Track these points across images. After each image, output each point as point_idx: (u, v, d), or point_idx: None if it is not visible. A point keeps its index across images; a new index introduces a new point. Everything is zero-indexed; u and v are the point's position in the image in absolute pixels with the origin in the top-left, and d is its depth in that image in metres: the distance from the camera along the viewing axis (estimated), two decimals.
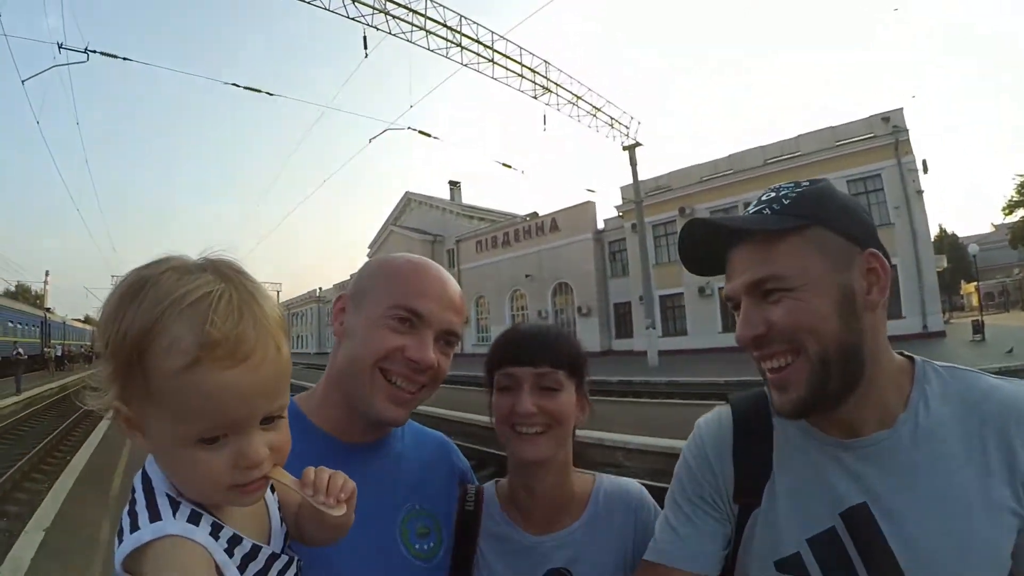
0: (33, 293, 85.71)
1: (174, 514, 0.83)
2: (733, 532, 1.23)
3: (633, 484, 1.51)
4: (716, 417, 1.34)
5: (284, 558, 0.97)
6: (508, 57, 26.31)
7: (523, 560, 1.40)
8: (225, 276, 0.84)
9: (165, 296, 0.78)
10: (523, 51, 26.72)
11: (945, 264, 39.14)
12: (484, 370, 1.46)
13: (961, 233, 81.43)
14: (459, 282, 1.43)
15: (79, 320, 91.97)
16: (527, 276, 45.13)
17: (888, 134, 28.51)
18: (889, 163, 28.45)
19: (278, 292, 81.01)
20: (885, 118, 28.82)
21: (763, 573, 1.17)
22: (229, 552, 0.85)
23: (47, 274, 66.82)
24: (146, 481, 0.87)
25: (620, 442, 10.12)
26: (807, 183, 1.18)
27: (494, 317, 49.01)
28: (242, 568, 0.87)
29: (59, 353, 52.54)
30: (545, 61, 27.53)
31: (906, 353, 1.21)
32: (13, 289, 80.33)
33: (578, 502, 1.45)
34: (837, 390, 1.09)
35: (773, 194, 1.17)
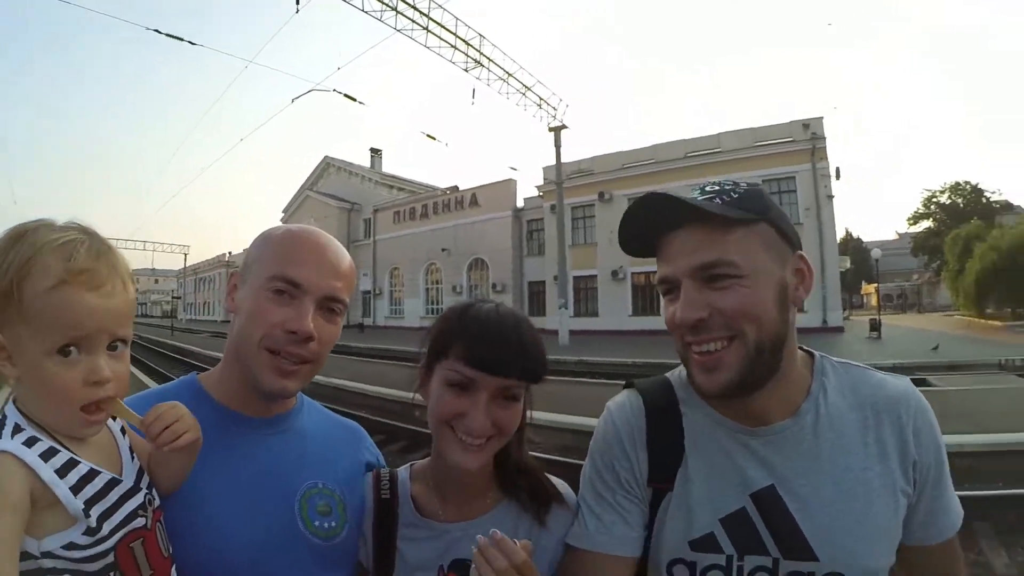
0: None
1: (12, 436, 0.97)
2: (648, 515, 1.27)
3: (566, 493, 1.41)
4: (627, 403, 1.36)
5: (127, 483, 1.07)
6: (443, 27, 25.77)
7: (431, 546, 1.35)
8: (87, 231, 1.05)
9: (41, 239, 0.99)
10: (459, 22, 26.22)
11: (848, 265, 41.40)
12: (426, 344, 1.34)
13: (866, 238, 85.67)
14: (374, 252, 1.40)
15: None
16: (443, 250, 44.95)
17: (806, 140, 29.91)
18: (804, 167, 29.86)
19: (185, 255, 77.83)
20: (805, 124, 30.24)
21: (678, 552, 1.22)
22: (62, 473, 0.97)
23: None
24: (2, 414, 1.02)
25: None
26: (746, 183, 1.22)
27: (408, 289, 48.73)
28: (77, 489, 0.98)
29: None
30: (480, 34, 27.10)
31: (805, 348, 1.29)
32: None
33: (494, 495, 1.39)
34: (761, 377, 1.16)
35: (717, 187, 1.20)
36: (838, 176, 30.26)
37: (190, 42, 21.30)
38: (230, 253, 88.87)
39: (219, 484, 1.24)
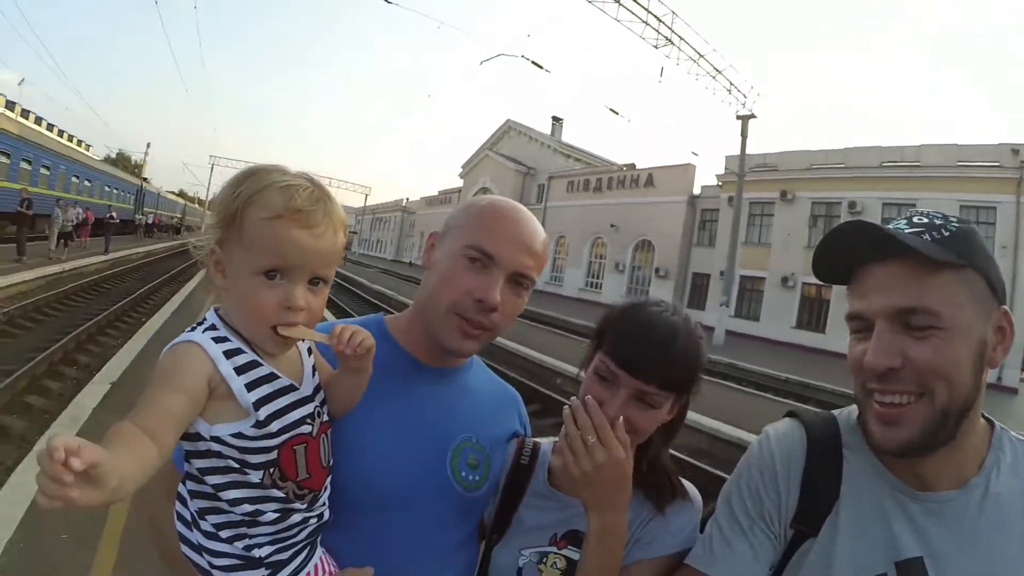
0: (133, 162, 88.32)
1: (204, 332, 1.11)
2: (780, 556, 1.20)
3: (691, 492, 1.42)
4: (788, 433, 1.28)
5: (302, 392, 1.18)
6: (635, 0, 25.43)
7: (551, 515, 1.40)
8: (314, 181, 1.16)
9: (271, 178, 1.11)
10: None
11: None
12: (595, 330, 1.39)
13: None
14: (543, 218, 1.39)
15: (173, 192, 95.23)
16: (612, 226, 44.64)
17: (1015, 167, 26.42)
18: (1008, 198, 26.47)
19: (366, 196, 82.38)
20: (1015, 150, 26.63)
21: None
22: (241, 371, 1.09)
23: (148, 146, 70.15)
24: (204, 318, 1.16)
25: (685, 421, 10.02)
26: (956, 219, 1.10)
27: (571, 260, 49.02)
28: (253, 386, 1.10)
29: (149, 221, 54.98)
30: (672, 11, 26.50)
31: (987, 416, 1.16)
32: (114, 156, 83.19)
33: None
34: (940, 441, 1.06)
35: (926, 220, 1.10)
36: None
37: (387, 0, 22.17)
38: (407, 199, 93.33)
39: (386, 418, 1.36)
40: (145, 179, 63.05)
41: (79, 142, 54.48)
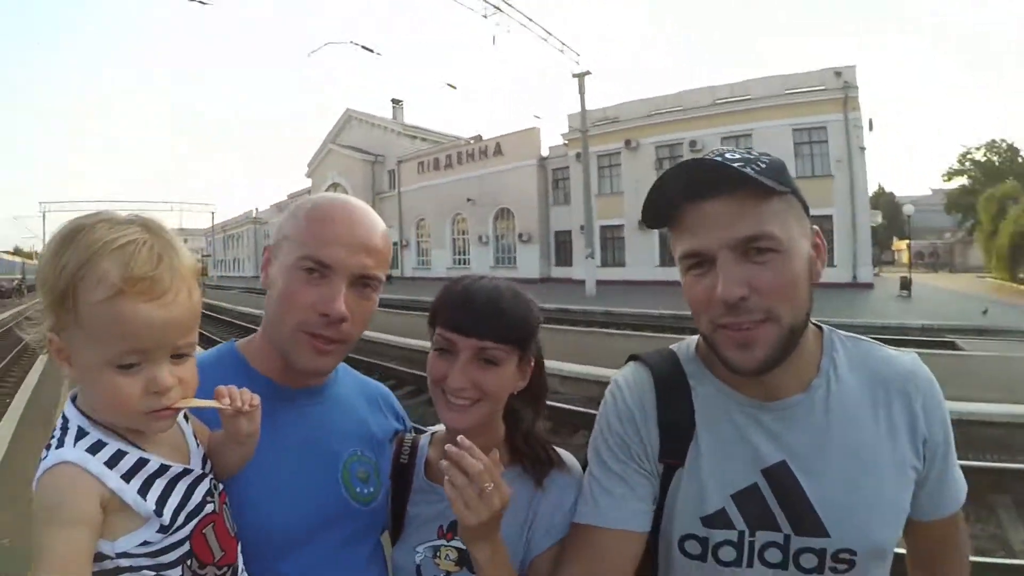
0: None
1: (75, 443, 0.96)
2: (658, 491, 1.25)
3: (568, 462, 1.42)
4: (635, 378, 1.33)
5: (196, 471, 1.08)
6: None
7: (435, 508, 1.39)
8: (149, 228, 0.98)
9: (98, 240, 0.92)
10: None
11: (880, 220, 40.61)
12: (428, 317, 1.38)
13: (899, 194, 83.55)
14: (399, 204, 1.36)
15: (8, 252, 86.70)
16: (469, 200, 44.93)
17: (839, 88, 28.91)
18: (836, 117, 29.02)
19: (212, 214, 78.57)
20: (837, 72, 29.20)
21: (690, 528, 1.21)
22: (129, 476, 0.97)
23: None
24: (64, 418, 1.00)
25: (555, 369, 10.33)
26: (764, 153, 1.17)
27: (435, 240, 48.97)
28: (147, 487, 0.98)
29: None
30: None
31: (814, 321, 1.25)
32: None
33: (503, 460, 1.35)
34: (789, 352, 1.13)
35: (741, 155, 1.13)
36: (871, 127, 29.50)
37: (201, 1, 21.09)
38: (257, 209, 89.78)
39: (270, 458, 1.27)
40: None
41: None
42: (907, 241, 44.48)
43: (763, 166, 1.10)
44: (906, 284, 27.08)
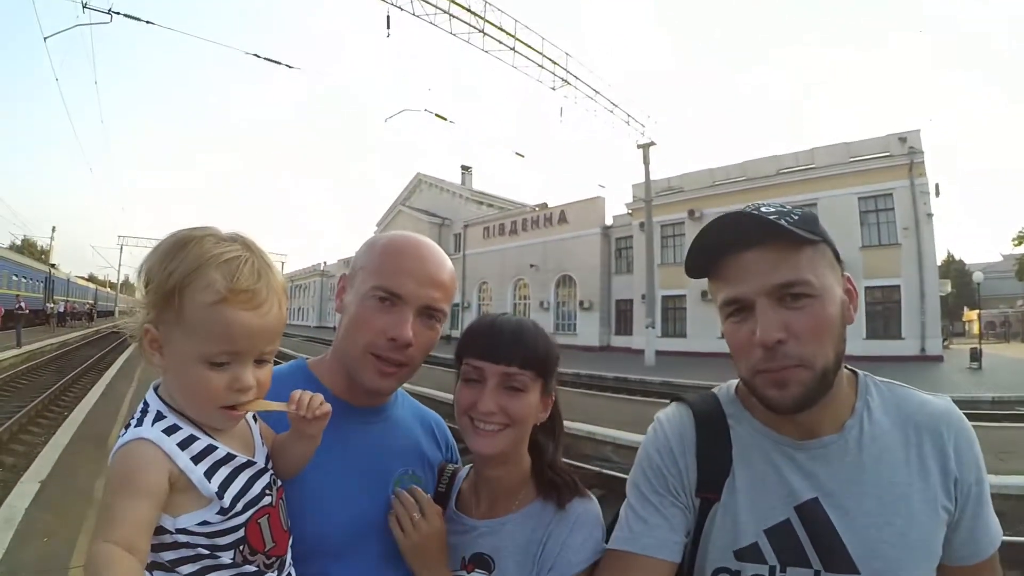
0: (39, 248, 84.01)
1: (152, 423, 1.07)
2: (693, 524, 1.31)
3: (584, 500, 1.44)
4: (677, 414, 1.41)
5: (258, 465, 1.19)
6: (529, 46, 26.11)
7: (461, 539, 1.47)
8: (249, 247, 1.12)
9: (207, 252, 1.06)
10: (545, 41, 26.57)
11: (949, 289, 39.02)
12: (454, 354, 1.46)
13: (968, 260, 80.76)
14: (463, 267, 1.51)
15: (83, 278, 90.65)
16: (532, 266, 44.97)
17: (903, 154, 28.36)
18: (902, 183, 28.33)
19: (282, 264, 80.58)
20: (902, 138, 28.65)
21: (723, 561, 1.26)
22: (198, 459, 1.07)
23: (53, 230, 66.17)
24: (145, 403, 1.12)
25: (611, 437, 10.25)
26: (796, 207, 1.25)
27: (496, 304, 48.80)
28: (212, 472, 1.09)
29: (61, 309, 52.22)
30: (566, 53, 27.39)
31: (849, 366, 1.31)
32: (19, 243, 79.40)
33: (525, 499, 1.47)
34: (824, 392, 1.19)
35: (775, 209, 1.21)
36: (938, 193, 28.49)
37: (288, 66, 22.17)
38: (324, 263, 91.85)
39: (329, 467, 1.38)
40: (53, 265, 59.87)
41: None
42: (977, 311, 42.59)
43: (796, 218, 1.19)
44: (976, 355, 25.90)
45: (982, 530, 1.23)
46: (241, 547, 1.11)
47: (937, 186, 28.59)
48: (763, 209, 1.21)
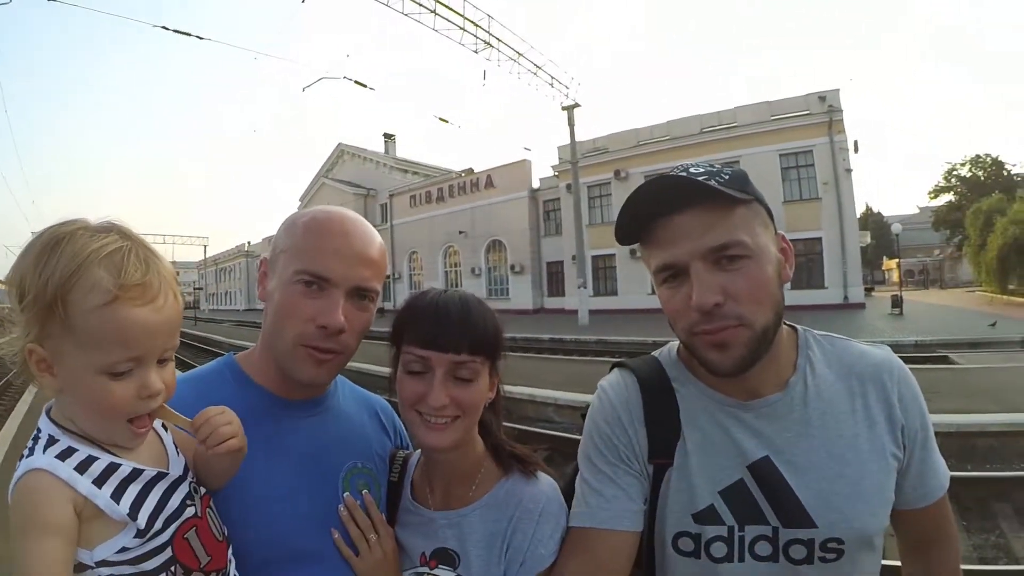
0: None
1: (44, 451, 0.96)
2: (649, 491, 1.29)
3: (545, 488, 1.37)
4: (620, 381, 1.38)
5: (173, 475, 1.08)
6: (451, 8, 25.64)
7: (419, 532, 1.39)
8: (127, 235, 1.00)
9: (83, 249, 0.93)
10: (466, 3, 26.10)
11: (869, 240, 40.73)
12: (390, 337, 1.36)
13: (887, 213, 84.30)
14: (392, 237, 1.41)
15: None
16: (461, 232, 44.91)
17: (823, 112, 29.40)
18: (822, 140, 29.45)
19: (205, 247, 77.97)
20: (821, 97, 29.69)
21: (682, 525, 1.25)
22: (101, 481, 0.97)
23: None
24: (37, 429, 1.00)
25: (551, 398, 10.36)
26: (726, 165, 1.23)
27: (427, 273, 48.71)
28: (120, 492, 0.98)
29: None
30: (488, 15, 26.91)
31: (787, 323, 1.31)
32: None
33: (482, 486, 1.39)
34: (765, 351, 1.18)
35: (704, 169, 1.19)
36: (856, 149, 29.83)
37: (198, 37, 21.22)
38: (249, 243, 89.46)
39: (266, 467, 1.28)
40: None
41: None
42: (896, 260, 44.64)
43: (726, 177, 1.16)
44: (897, 302, 27.20)
45: (931, 473, 1.26)
46: (172, 568, 1.02)
47: (856, 143, 30.01)
48: (692, 170, 1.18)
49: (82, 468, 0.96)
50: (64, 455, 0.96)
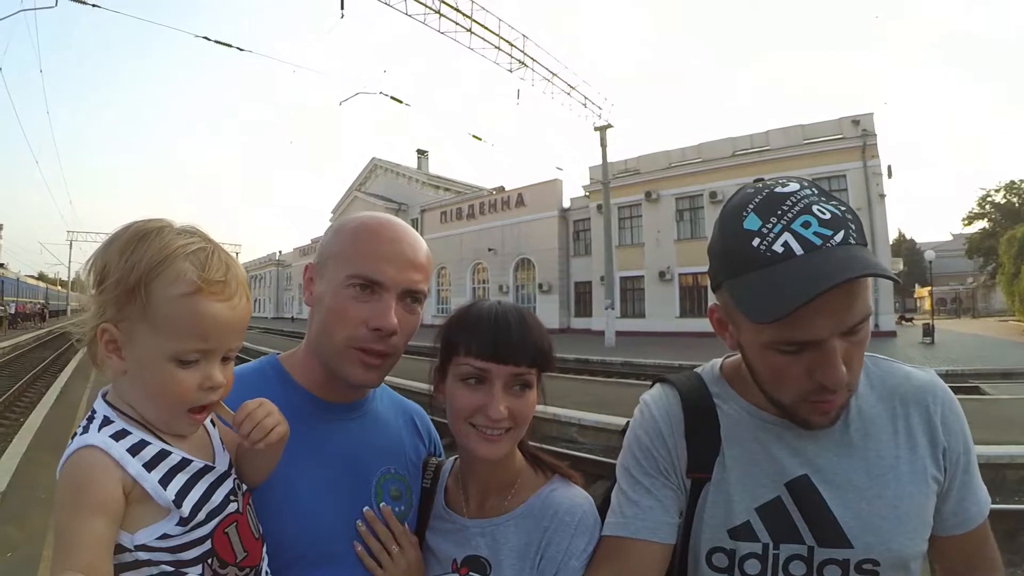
0: None
1: (99, 429, 0.99)
2: (686, 504, 1.28)
3: (581, 501, 1.35)
4: (663, 396, 1.37)
5: (219, 470, 1.10)
6: (486, 28, 25.89)
7: (451, 539, 1.39)
8: (209, 239, 1.07)
9: (171, 243, 1.00)
10: (501, 23, 26.35)
11: (902, 267, 40.03)
12: (439, 342, 1.36)
13: (919, 239, 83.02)
14: None
15: (32, 276, 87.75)
16: (490, 250, 45.07)
17: (857, 136, 29.15)
18: (855, 165, 29.16)
19: (237, 254, 78.77)
20: (855, 121, 29.45)
21: (717, 541, 1.24)
22: (151, 465, 0.99)
23: (0, 227, 64.17)
24: (92, 410, 1.03)
25: (575, 418, 10.27)
26: (842, 202, 1.11)
27: (455, 289, 48.92)
28: (168, 479, 1.00)
29: (12, 311, 50.15)
30: (523, 35, 27.18)
31: None
32: None
33: (519, 496, 1.38)
34: None
35: (835, 209, 1.07)
36: (890, 174, 29.39)
37: (239, 48, 21.60)
38: (280, 252, 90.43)
39: (304, 467, 1.30)
40: (1, 264, 57.94)
41: None
42: (929, 288, 43.87)
43: (853, 228, 1.06)
44: (928, 331, 26.81)
45: (971, 499, 1.23)
46: (210, 560, 1.03)
47: (889, 168, 29.49)
48: (816, 210, 1.06)
49: (134, 451, 0.98)
50: (118, 436, 0.98)
